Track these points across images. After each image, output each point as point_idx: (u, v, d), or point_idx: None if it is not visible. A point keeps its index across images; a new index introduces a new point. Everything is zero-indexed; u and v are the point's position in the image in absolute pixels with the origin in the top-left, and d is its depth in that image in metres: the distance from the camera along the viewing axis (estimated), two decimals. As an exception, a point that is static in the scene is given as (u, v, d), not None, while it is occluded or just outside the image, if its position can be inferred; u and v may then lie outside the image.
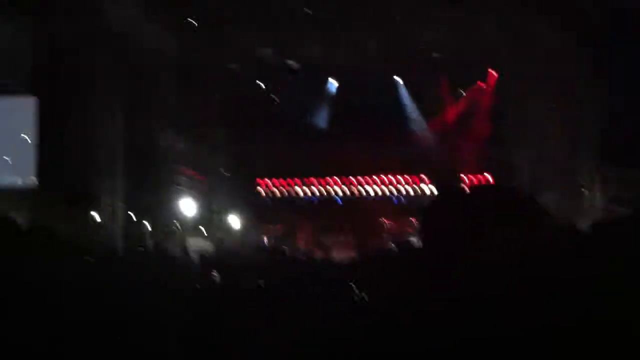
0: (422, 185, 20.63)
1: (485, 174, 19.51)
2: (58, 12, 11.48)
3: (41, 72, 11.88)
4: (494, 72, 19.12)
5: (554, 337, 1.35)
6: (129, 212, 14.32)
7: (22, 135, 11.84)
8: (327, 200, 20.88)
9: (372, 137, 18.74)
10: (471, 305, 1.48)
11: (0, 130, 11.92)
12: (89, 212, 13.25)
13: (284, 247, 10.21)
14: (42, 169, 11.51)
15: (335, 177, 21.01)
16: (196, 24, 15.55)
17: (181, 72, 16.42)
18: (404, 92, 20.25)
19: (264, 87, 19.44)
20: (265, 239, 18.20)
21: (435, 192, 20.19)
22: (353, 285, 3.91)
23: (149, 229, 15.22)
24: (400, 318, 1.59)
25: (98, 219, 13.35)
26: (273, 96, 19.78)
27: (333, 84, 20.43)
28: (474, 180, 19.87)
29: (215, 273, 4.91)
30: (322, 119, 20.65)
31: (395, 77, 20.11)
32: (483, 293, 1.49)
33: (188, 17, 15.30)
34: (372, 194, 20.87)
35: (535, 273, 1.45)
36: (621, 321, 1.34)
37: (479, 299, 1.49)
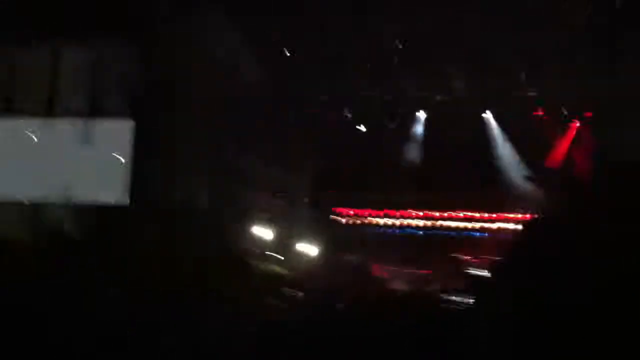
0: (507, 224, 20.22)
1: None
2: (160, 44, 12.10)
3: (139, 98, 12.52)
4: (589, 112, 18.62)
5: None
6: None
7: (117, 155, 12.49)
8: (407, 233, 20.80)
9: (457, 174, 18.67)
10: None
11: (99, 151, 12.65)
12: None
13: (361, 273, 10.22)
14: (135, 189, 12.06)
15: (415, 210, 20.91)
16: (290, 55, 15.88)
17: (274, 102, 16.78)
18: (494, 129, 19.91)
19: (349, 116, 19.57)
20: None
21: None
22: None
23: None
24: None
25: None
26: (358, 127, 19.88)
27: (421, 117, 20.32)
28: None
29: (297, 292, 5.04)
30: (409, 152, 20.59)
31: (486, 114, 19.82)
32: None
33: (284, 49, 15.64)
34: (452, 227, 20.66)
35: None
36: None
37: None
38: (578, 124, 19.07)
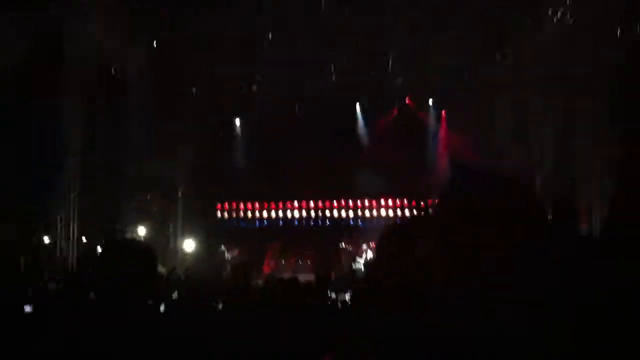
0: (382, 210, 20.84)
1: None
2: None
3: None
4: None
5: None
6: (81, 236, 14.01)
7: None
8: (288, 224, 20.88)
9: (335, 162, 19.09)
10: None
11: None
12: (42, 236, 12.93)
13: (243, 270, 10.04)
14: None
15: (295, 201, 21.01)
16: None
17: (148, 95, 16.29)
18: (361, 119, 20.48)
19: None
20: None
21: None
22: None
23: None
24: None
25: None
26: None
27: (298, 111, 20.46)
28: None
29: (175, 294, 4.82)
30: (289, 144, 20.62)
31: (357, 104, 20.35)
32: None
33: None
34: (331, 216, 20.96)
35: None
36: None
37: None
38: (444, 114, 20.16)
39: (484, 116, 17.93)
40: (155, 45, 15.29)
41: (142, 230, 16.70)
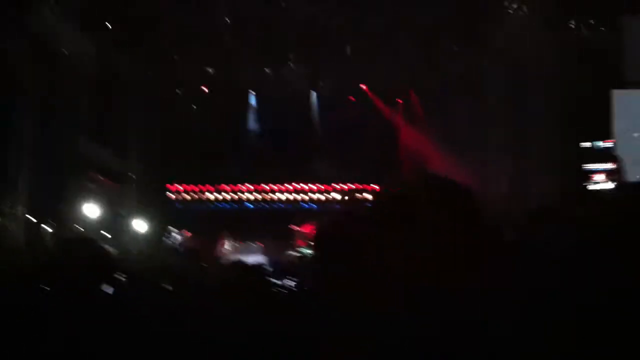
0: (333, 193, 21.07)
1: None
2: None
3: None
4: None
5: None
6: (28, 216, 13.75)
7: None
8: (239, 206, 20.91)
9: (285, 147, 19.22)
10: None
11: None
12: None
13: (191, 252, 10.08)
14: None
15: (247, 184, 21.04)
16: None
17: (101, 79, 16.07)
18: (316, 104, 20.60)
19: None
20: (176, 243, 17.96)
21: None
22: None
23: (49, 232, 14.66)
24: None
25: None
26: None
27: (252, 96, 20.51)
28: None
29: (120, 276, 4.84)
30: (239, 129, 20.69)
31: (312, 91, 20.46)
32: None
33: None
34: (283, 199, 21.10)
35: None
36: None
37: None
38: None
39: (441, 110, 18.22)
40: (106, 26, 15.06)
41: (92, 210, 16.45)
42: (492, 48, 15.53)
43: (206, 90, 19.60)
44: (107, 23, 14.79)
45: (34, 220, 14.00)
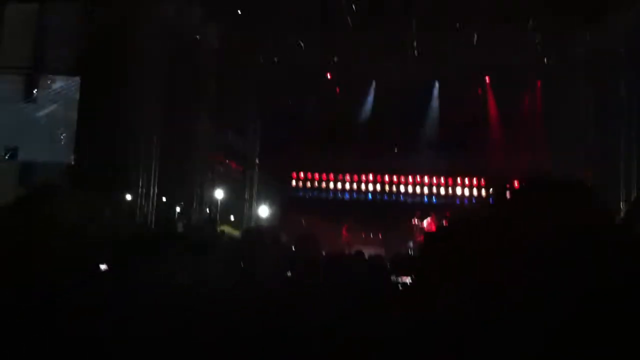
0: (457, 188, 20.56)
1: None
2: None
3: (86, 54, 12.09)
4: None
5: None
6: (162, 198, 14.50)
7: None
8: (359, 196, 20.92)
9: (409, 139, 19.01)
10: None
11: (44, 107, 12.25)
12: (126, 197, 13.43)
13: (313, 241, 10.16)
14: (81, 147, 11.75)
15: (370, 174, 20.97)
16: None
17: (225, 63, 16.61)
18: (438, 96, 20.15)
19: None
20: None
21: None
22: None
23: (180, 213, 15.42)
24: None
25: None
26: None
27: (372, 85, 20.39)
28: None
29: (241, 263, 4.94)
30: (361, 117, 20.66)
31: (435, 81, 20.04)
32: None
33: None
34: (403, 192, 20.85)
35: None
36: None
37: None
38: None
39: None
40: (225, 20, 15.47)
41: (219, 194, 17.14)
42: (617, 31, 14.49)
43: (329, 77, 19.71)
44: (229, 8, 15.15)
45: (166, 203, 14.76)
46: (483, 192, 20.32)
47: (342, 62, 18.59)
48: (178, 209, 15.52)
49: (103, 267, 2.78)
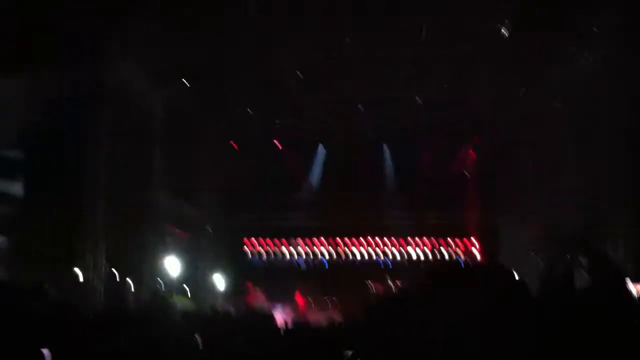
0: (409, 249, 20.76)
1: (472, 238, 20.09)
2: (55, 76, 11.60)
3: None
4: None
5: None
6: (112, 270, 14.12)
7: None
8: (313, 260, 20.86)
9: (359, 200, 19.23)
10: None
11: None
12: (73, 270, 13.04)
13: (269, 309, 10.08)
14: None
15: (321, 238, 21.00)
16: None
17: (172, 131, 16.62)
18: (389, 158, 20.54)
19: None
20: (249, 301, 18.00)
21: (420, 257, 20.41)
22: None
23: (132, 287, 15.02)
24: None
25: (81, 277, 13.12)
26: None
27: (322, 149, 20.71)
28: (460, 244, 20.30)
29: (196, 335, 4.86)
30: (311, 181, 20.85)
31: (384, 144, 20.48)
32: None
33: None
34: (358, 256, 20.89)
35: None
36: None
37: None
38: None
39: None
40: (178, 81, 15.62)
41: (171, 264, 16.78)
42: (559, 88, 15.23)
43: (279, 146, 19.96)
44: (178, 73, 15.31)
45: (117, 274, 14.37)
46: (434, 252, 20.63)
47: (289, 125, 18.81)
48: (129, 280, 15.12)
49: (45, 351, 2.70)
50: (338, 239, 20.98)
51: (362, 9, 12.49)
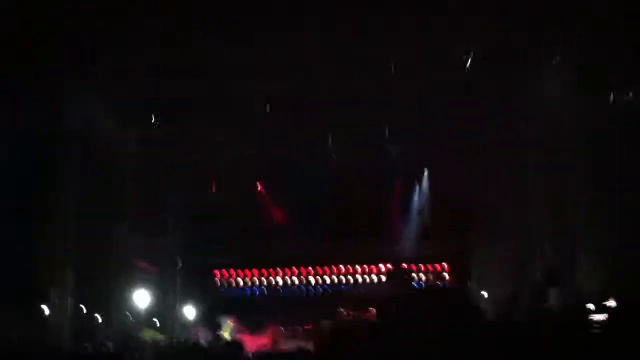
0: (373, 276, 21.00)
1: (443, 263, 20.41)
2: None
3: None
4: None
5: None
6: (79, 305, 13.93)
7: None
8: (283, 290, 20.89)
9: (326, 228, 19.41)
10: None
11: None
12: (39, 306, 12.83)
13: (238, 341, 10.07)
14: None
15: (293, 267, 21.03)
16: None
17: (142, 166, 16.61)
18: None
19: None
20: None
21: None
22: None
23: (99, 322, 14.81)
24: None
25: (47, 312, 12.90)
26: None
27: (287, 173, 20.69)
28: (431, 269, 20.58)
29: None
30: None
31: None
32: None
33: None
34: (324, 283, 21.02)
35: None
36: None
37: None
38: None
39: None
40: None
41: (141, 299, 16.59)
42: (526, 111, 15.60)
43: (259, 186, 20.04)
44: (142, 109, 15.26)
45: (84, 311, 14.17)
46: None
47: (260, 154, 18.79)
48: (97, 316, 14.90)
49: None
50: (310, 267, 21.05)
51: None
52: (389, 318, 2.32)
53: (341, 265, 21.04)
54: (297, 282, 21.03)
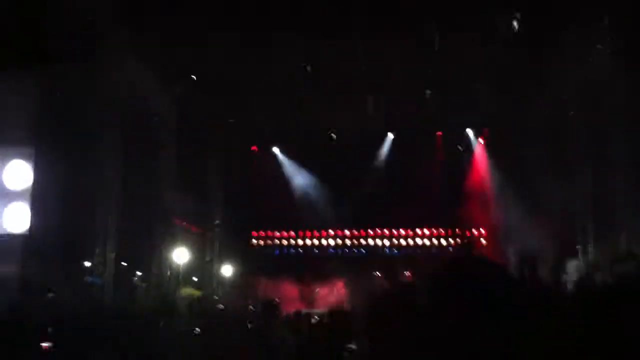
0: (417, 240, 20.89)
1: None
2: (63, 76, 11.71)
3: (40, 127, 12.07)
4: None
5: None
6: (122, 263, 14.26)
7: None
8: (320, 252, 20.98)
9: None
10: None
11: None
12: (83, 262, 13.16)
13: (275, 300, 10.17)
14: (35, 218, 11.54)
15: (330, 230, 21.09)
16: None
17: (178, 128, 16.76)
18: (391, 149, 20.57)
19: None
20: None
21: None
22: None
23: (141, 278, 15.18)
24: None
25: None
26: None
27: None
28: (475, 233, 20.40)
29: (197, 329, 4.98)
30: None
31: (389, 134, 20.50)
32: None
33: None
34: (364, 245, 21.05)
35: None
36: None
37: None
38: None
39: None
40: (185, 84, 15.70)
41: (180, 257, 16.91)
42: (572, 92, 15.28)
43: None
44: (187, 74, 15.37)
45: (125, 267, 14.52)
46: (442, 241, 20.75)
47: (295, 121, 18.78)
48: (139, 273, 15.27)
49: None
50: (346, 230, 21.08)
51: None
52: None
53: (384, 229, 21.02)
54: (334, 244, 21.13)
